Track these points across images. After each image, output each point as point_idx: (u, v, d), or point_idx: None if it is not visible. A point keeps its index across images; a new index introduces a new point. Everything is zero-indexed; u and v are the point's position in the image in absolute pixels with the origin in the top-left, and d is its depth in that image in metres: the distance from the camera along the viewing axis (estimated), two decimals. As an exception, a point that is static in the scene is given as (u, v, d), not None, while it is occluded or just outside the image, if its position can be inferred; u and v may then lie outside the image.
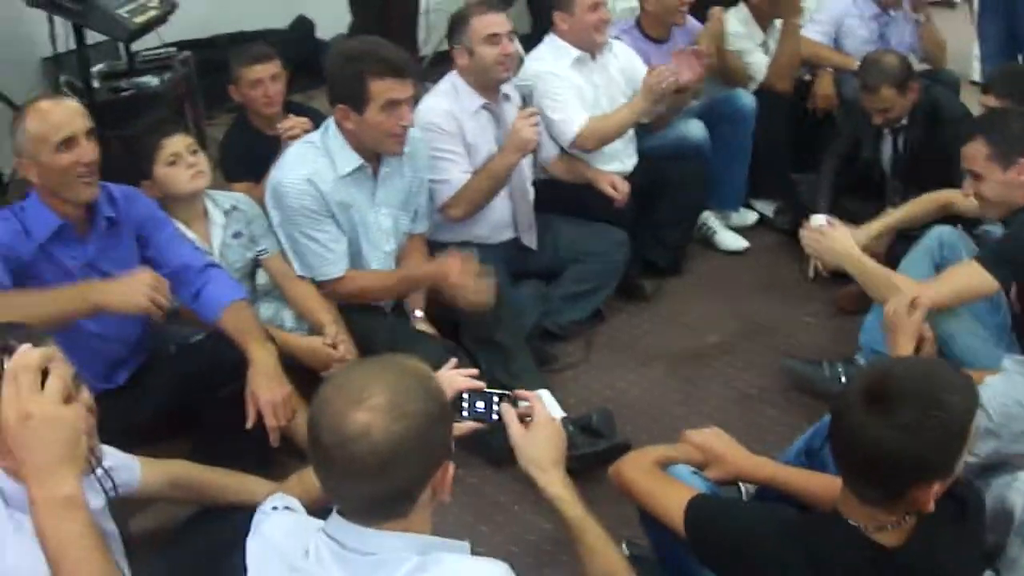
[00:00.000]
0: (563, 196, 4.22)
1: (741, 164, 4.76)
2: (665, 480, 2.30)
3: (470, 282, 3.43)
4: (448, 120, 3.77)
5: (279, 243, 3.56)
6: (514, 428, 2.09)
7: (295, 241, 3.46)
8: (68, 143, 2.79)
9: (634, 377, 3.83)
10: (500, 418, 2.11)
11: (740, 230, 4.82)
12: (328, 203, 3.39)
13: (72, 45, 5.00)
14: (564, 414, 3.32)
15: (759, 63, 4.81)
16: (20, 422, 1.52)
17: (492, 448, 3.26)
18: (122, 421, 2.87)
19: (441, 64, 4.59)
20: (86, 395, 2.03)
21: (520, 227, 4.01)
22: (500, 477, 3.29)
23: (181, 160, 3.42)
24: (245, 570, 1.82)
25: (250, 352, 2.93)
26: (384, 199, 3.52)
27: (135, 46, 5.53)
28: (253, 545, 1.84)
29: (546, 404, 3.20)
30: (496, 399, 2.14)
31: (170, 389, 3.11)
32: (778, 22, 4.85)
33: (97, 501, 2.18)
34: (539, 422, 2.10)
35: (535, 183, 4.15)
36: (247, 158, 4.04)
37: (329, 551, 1.68)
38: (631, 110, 4.14)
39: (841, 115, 4.82)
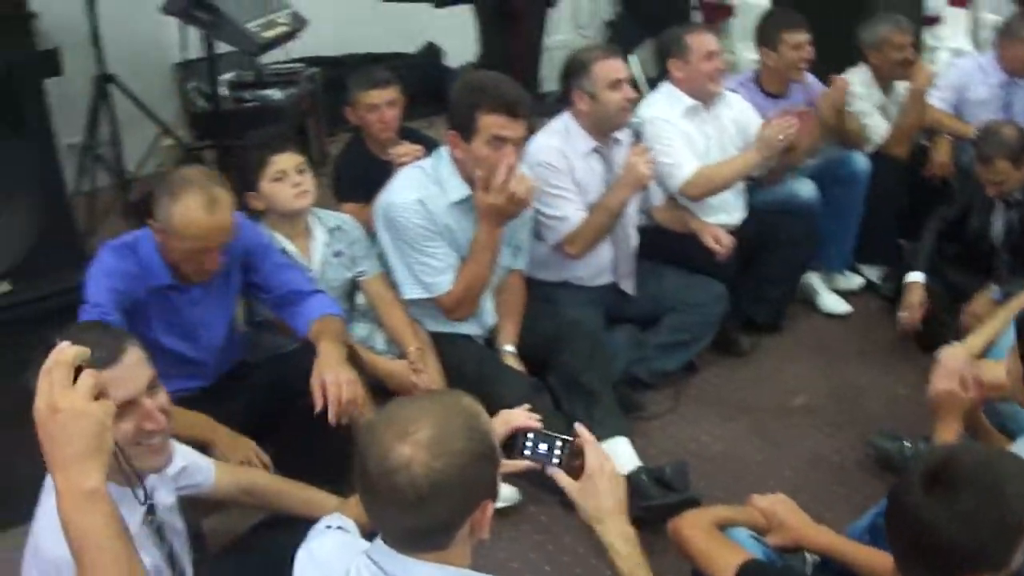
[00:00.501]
0: (667, 244, 4.20)
1: (850, 226, 4.69)
2: (721, 541, 2.28)
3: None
4: (559, 158, 3.78)
5: (380, 266, 3.64)
6: (567, 485, 2.07)
7: (407, 259, 3.50)
8: (201, 251, 2.82)
9: (718, 432, 3.80)
10: (560, 463, 2.10)
11: (844, 294, 4.74)
12: (437, 224, 3.45)
13: (203, 52, 5.16)
14: (639, 463, 3.31)
15: (877, 126, 4.72)
16: (49, 415, 1.55)
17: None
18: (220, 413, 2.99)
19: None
20: (163, 397, 2.10)
21: (619, 272, 4.00)
22: (570, 518, 3.27)
23: (287, 178, 3.47)
24: None
25: (320, 346, 2.97)
26: None
27: (266, 59, 5.69)
28: (302, 557, 1.91)
29: (618, 453, 3.26)
30: (559, 444, 2.12)
31: (253, 396, 3.18)
32: (899, 85, 4.76)
33: (168, 498, 2.26)
34: (592, 473, 2.06)
35: (640, 229, 4.14)
36: (359, 180, 4.09)
37: (369, 573, 1.73)
38: (743, 162, 4.12)
39: (956, 182, 4.71)
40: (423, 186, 3.46)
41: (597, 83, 3.75)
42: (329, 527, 1.95)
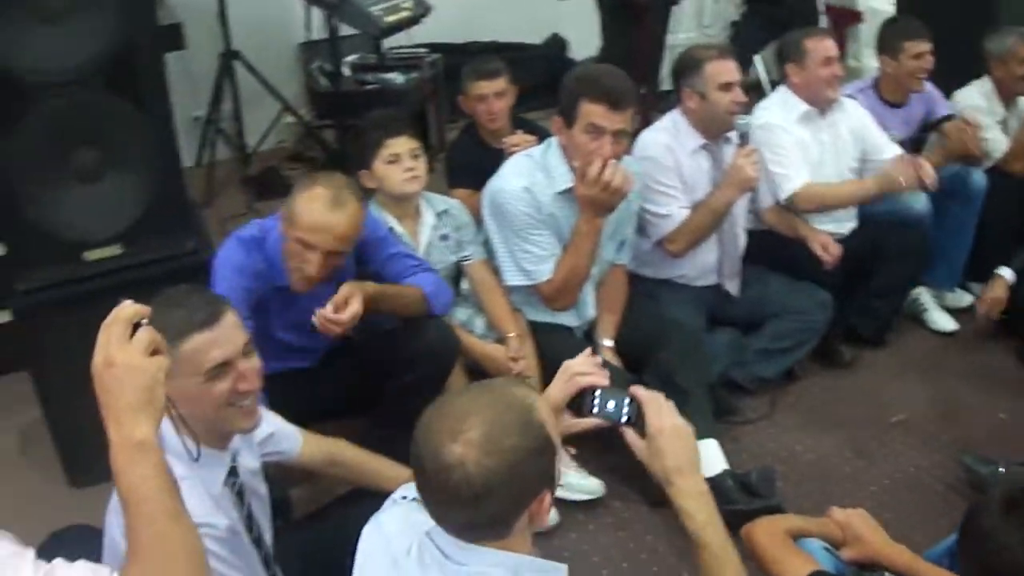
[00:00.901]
0: (773, 248, 4.16)
1: (963, 244, 4.58)
2: (792, 550, 2.27)
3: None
4: (666, 155, 3.78)
5: (485, 252, 3.69)
6: (634, 444, 2.02)
7: (511, 246, 3.54)
8: (312, 248, 2.87)
9: (811, 442, 3.76)
10: (630, 420, 2.03)
11: (953, 311, 4.64)
12: (542, 213, 3.48)
13: (327, 33, 5.27)
14: (726, 467, 3.31)
15: (997, 140, 4.59)
16: (105, 367, 1.62)
17: (650, 486, 3.31)
18: (304, 396, 3.06)
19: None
20: (256, 361, 2.17)
21: (724, 273, 3.99)
22: (653, 516, 3.33)
23: (400, 162, 3.53)
24: None
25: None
26: None
27: (389, 43, 5.78)
28: (369, 529, 1.94)
29: (706, 455, 3.26)
30: (628, 401, 2.04)
31: (354, 372, 3.26)
32: (1022, 100, 4.63)
33: (252, 462, 2.34)
34: (653, 433, 1.99)
35: (748, 232, 4.12)
36: (470, 167, 4.14)
37: (430, 554, 1.76)
38: (860, 189, 4.09)
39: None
40: (530, 174, 3.49)
41: (708, 83, 3.74)
42: (405, 498, 1.96)
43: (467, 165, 4.21)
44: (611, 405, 2.05)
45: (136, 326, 1.65)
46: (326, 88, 5.59)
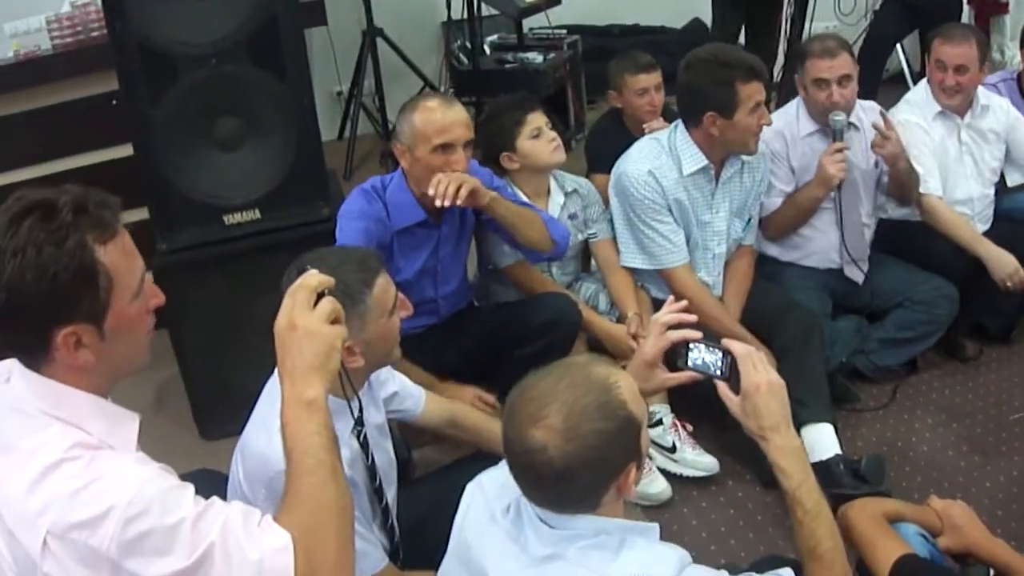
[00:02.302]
0: (904, 239, 4.15)
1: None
2: (886, 531, 2.28)
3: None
4: (776, 139, 3.82)
5: (610, 230, 3.76)
6: (728, 400, 2.03)
7: (635, 229, 3.62)
8: (446, 148, 3.02)
9: (928, 434, 3.75)
10: (723, 375, 2.04)
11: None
12: (667, 198, 3.55)
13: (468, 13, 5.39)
14: (838, 452, 3.33)
15: None
16: (287, 330, 1.74)
17: (765, 467, 3.36)
18: (430, 358, 3.19)
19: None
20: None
21: (845, 258, 3.99)
22: (765, 497, 3.37)
23: (543, 134, 3.63)
24: None
25: None
26: (722, 201, 3.65)
27: (531, 23, 5.88)
28: (471, 487, 2.03)
29: (821, 439, 3.29)
30: (722, 354, 2.04)
31: (478, 339, 3.39)
32: None
33: (378, 417, 2.48)
34: (748, 391, 1.99)
35: (881, 220, 4.13)
36: (611, 153, 4.12)
37: (527, 515, 1.84)
38: (971, 240, 4.00)
39: None
40: (656, 157, 3.56)
41: (807, 77, 3.79)
42: None
43: (608, 151, 4.18)
44: (704, 359, 2.07)
45: (320, 296, 1.77)
46: (465, 66, 5.71)
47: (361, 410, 2.29)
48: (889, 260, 4.11)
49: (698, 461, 3.45)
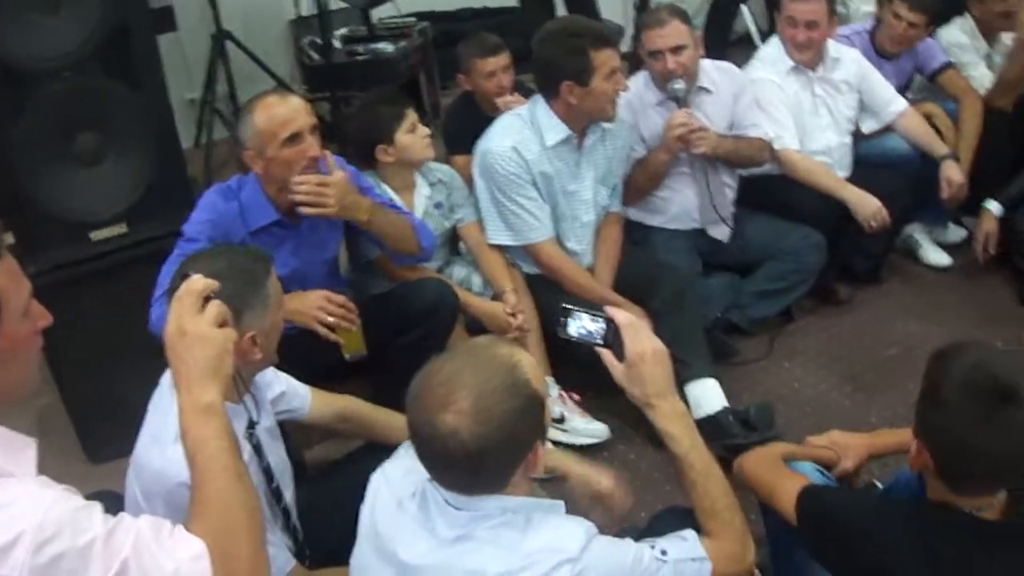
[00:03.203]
0: (768, 192, 4.22)
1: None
2: (785, 472, 2.33)
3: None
4: (625, 110, 3.81)
5: (476, 212, 3.75)
6: (612, 368, 2.03)
7: (500, 206, 3.62)
8: (294, 139, 2.95)
9: (811, 379, 3.84)
10: (606, 342, 2.03)
11: (947, 246, 4.70)
12: (531, 172, 3.55)
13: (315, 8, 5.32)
14: (726, 404, 3.38)
15: (982, 76, 4.63)
16: (177, 337, 1.73)
17: (654, 428, 3.39)
18: (313, 358, 3.12)
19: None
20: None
21: (705, 219, 4.05)
22: (657, 456, 3.39)
23: (418, 129, 3.61)
24: None
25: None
26: (587, 170, 3.68)
27: (381, 13, 5.83)
28: (376, 477, 2.02)
29: (706, 394, 3.34)
30: (604, 322, 2.04)
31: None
32: (1005, 35, 4.63)
33: (267, 421, 2.42)
34: (632, 360, 2.00)
35: (744, 177, 4.19)
36: (469, 134, 4.09)
37: (433, 500, 1.84)
38: (833, 186, 4.12)
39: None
40: (518, 131, 3.57)
41: (643, 49, 3.86)
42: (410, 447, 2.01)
43: (465, 132, 4.19)
44: (586, 327, 2.06)
45: (207, 299, 1.77)
46: (317, 62, 5.64)
47: (257, 409, 2.27)
48: (756, 215, 4.19)
49: (588, 428, 3.47)
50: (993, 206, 4.30)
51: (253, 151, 2.99)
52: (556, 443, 3.45)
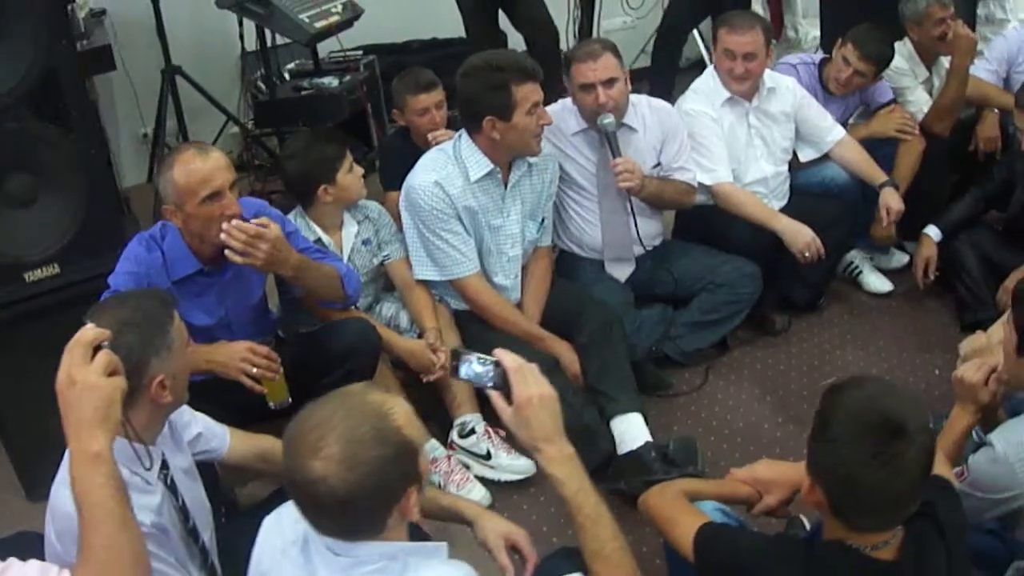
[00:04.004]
0: (704, 224, 4.24)
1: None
2: (685, 507, 2.32)
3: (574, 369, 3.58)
4: (545, 141, 3.77)
5: (403, 249, 3.76)
6: (501, 411, 2.04)
7: (426, 241, 3.62)
8: (213, 197, 2.94)
9: (743, 410, 3.83)
10: (496, 385, 2.05)
11: (888, 272, 4.69)
12: (456, 207, 3.55)
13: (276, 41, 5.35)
14: (648, 439, 3.36)
15: (919, 101, 4.62)
16: (67, 386, 1.79)
17: (586, 460, 3.38)
18: (235, 400, 3.12)
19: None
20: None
21: (608, 255, 4.05)
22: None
23: (355, 168, 3.65)
24: None
25: None
26: (512, 204, 3.68)
27: (332, 47, 5.84)
28: (270, 518, 2.04)
29: (630, 429, 3.32)
30: (494, 365, 2.05)
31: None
32: (945, 60, 4.63)
33: (183, 462, 2.46)
34: (519, 404, 2.00)
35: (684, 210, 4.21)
36: (404, 169, 4.10)
37: (315, 547, 1.86)
38: (767, 218, 4.11)
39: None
40: (442, 167, 3.57)
41: (573, 83, 3.83)
42: None
43: (400, 169, 4.16)
44: (476, 370, 2.08)
45: (97, 348, 1.83)
46: (264, 97, 5.65)
47: (163, 455, 2.31)
48: (690, 246, 4.20)
49: (513, 465, 3.46)
50: (932, 231, 4.30)
51: (172, 206, 2.99)
52: (482, 479, 3.45)
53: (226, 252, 2.97)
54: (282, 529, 1.97)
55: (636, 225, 3.93)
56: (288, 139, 4.86)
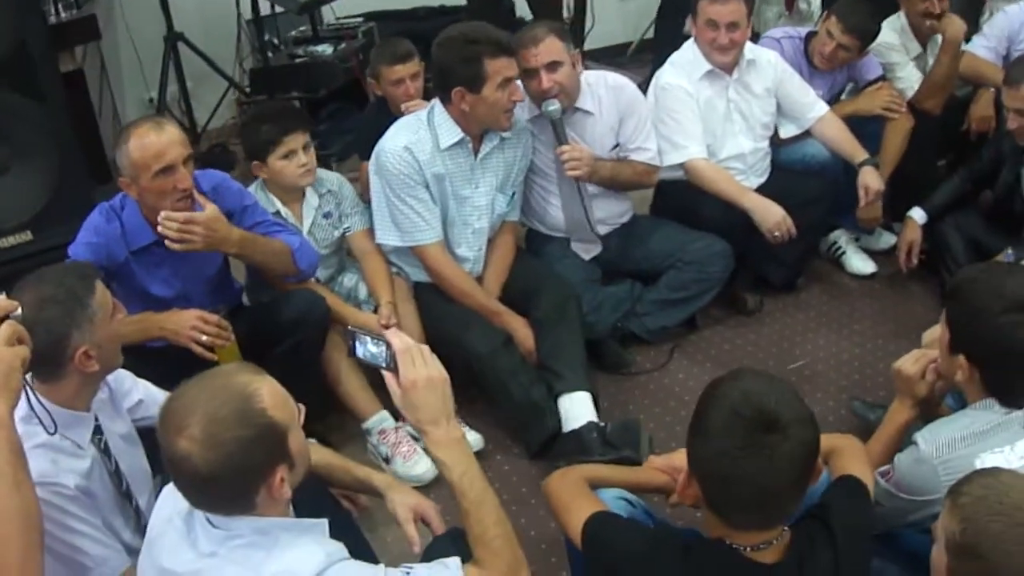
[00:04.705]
0: (677, 201, 4.20)
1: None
2: (582, 494, 2.29)
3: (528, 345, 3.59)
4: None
5: (366, 221, 3.80)
6: (394, 392, 2.04)
7: (391, 205, 3.63)
8: (167, 171, 2.98)
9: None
10: (389, 367, 2.03)
11: (877, 253, 4.61)
12: (424, 173, 3.56)
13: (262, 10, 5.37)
14: (592, 420, 3.34)
15: (909, 77, 4.51)
16: None
17: (530, 442, 3.41)
18: (188, 371, 3.15)
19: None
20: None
21: (573, 236, 4.04)
22: (531, 469, 3.41)
23: (295, 157, 3.62)
24: None
25: None
26: (482, 176, 3.68)
27: (340, 12, 5.86)
28: (167, 490, 2.06)
29: (577, 408, 3.31)
30: (386, 347, 2.04)
31: (243, 341, 3.34)
32: (939, 36, 4.47)
33: (122, 427, 2.55)
34: (406, 386, 2.00)
35: (658, 185, 4.17)
36: (377, 138, 4.13)
37: (198, 517, 1.92)
38: (737, 194, 4.03)
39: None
40: (414, 132, 3.58)
41: (520, 67, 3.70)
42: None
43: (375, 137, 4.18)
44: (370, 350, 2.08)
45: (3, 320, 1.95)
46: (257, 64, 5.67)
47: (97, 419, 2.41)
48: (661, 223, 4.17)
49: (409, 476, 3.41)
50: (917, 214, 4.19)
51: (128, 179, 3.04)
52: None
53: (166, 243, 3.03)
54: (175, 500, 2.00)
55: (587, 210, 3.87)
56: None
